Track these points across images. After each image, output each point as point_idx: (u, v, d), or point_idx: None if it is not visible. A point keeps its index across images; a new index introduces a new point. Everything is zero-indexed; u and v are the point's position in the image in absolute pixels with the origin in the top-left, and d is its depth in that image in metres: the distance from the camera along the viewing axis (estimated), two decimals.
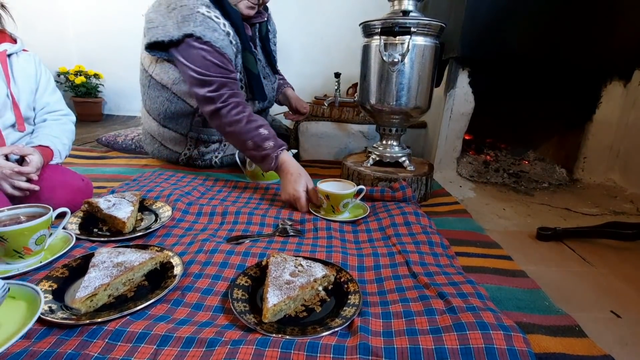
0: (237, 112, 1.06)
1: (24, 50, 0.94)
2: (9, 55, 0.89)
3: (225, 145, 1.38)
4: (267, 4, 1.29)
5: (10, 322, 0.47)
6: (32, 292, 0.48)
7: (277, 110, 1.73)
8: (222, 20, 1.12)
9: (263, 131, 1.06)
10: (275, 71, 1.42)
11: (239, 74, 1.20)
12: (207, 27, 1.08)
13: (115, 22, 2.33)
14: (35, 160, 0.84)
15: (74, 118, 1.05)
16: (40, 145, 0.90)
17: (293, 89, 1.55)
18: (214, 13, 1.11)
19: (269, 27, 1.37)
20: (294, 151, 1.34)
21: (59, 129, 0.97)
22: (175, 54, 1.13)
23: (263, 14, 1.29)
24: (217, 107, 1.07)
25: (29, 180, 0.83)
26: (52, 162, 0.93)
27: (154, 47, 1.16)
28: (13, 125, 0.89)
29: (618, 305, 0.68)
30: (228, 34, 1.13)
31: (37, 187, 0.84)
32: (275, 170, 1.06)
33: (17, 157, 0.84)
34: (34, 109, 0.96)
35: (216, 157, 1.37)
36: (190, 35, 1.08)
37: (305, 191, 0.99)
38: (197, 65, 1.08)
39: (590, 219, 1.10)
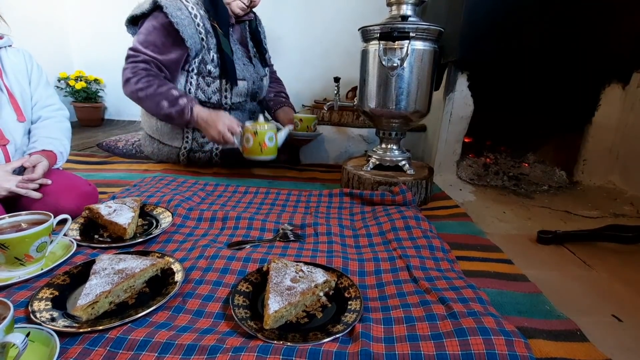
0: (147, 80, 1.21)
1: (11, 46, 0.94)
2: None
3: None
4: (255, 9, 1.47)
5: None
6: (48, 336, 0.49)
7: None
8: (190, 4, 1.26)
9: (174, 92, 1.22)
10: (264, 61, 1.56)
11: (212, 52, 1.33)
12: (173, 5, 1.23)
13: (115, 27, 2.33)
14: (42, 165, 0.86)
15: (67, 113, 1.05)
16: (43, 150, 0.91)
17: (293, 109, 1.62)
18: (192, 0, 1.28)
19: (259, 28, 1.55)
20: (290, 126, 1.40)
21: (56, 129, 0.98)
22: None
23: (250, 14, 1.46)
24: (128, 76, 1.21)
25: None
26: (55, 166, 0.94)
27: (131, 24, 1.33)
28: (13, 118, 0.90)
29: (619, 309, 0.67)
30: (195, 16, 1.27)
31: (39, 195, 0.84)
32: (192, 121, 1.22)
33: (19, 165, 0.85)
34: (31, 100, 0.96)
35: (216, 148, 1.40)
36: (156, 7, 1.24)
37: (226, 126, 1.19)
38: (140, 38, 1.24)
39: (591, 222, 1.09)
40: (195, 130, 1.40)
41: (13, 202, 0.86)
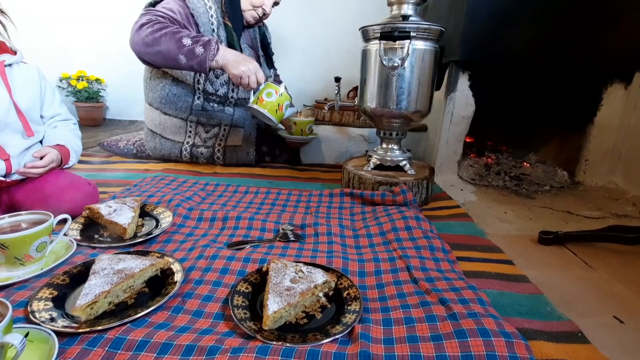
0: (164, 24, 1.16)
1: (23, 62, 0.94)
2: (9, 65, 0.89)
3: (225, 130, 1.43)
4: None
5: None
6: (46, 336, 0.49)
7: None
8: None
9: (192, 32, 1.19)
10: (270, 62, 1.63)
11: (223, 44, 1.34)
12: None
13: (117, 27, 2.34)
14: (51, 154, 0.87)
15: (77, 126, 1.07)
16: (57, 145, 0.92)
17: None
18: None
19: (266, 33, 1.61)
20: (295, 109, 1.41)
21: (72, 134, 1.00)
22: None
23: (259, 23, 1.53)
24: (142, 23, 1.16)
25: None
26: (69, 164, 0.95)
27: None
28: (21, 132, 0.90)
29: (621, 310, 0.67)
30: (210, 8, 1.31)
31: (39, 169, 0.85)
32: (221, 56, 1.15)
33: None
34: (41, 117, 0.96)
35: (219, 144, 1.41)
36: None
37: (255, 71, 1.16)
38: (159, 5, 1.24)
39: (592, 222, 1.09)
40: (199, 124, 1.41)
41: (13, 203, 0.86)
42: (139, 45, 1.17)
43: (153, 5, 1.32)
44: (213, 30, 1.32)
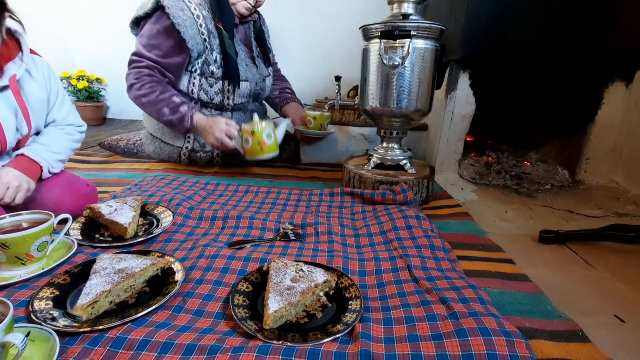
0: (150, 87, 1.23)
1: (32, 51, 0.84)
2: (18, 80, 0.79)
3: None
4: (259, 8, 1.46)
5: None
6: (48, 335, 0.49)
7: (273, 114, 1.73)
8: (193, 5, 1.25)
9: (176, 99, 1.25)
10: (268, 61, 1.54)
11: (216, 53, 1.32)
12: (176, 5, 1.22)
13: (117, 27, 2.34)
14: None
15: (83, 128, 1.01)
16: (22, 155, 0.81)
17: (300, 104, 1.63)
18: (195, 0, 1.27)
19: (263, 27, 1.53)
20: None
21: (53, 136, 0.89)
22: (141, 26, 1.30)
23: (254, 15, 1.45)
24: (132, 82, 1.24)
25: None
26: (46, 175, 0.85)
27: (135, 25, 1.33)
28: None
29: (622, 309, 0.67)
30: (198, 17, 1.26)
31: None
32: (192, 128, 1.26)
33: None
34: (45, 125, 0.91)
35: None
36: (159, 7, 1.23)
37: (223, 132, 1.20)
38: (142, 41, 1.25)
39: (593, 221, 1.09)
40: None
41: (12, 205, 0.86)
42: (132, 100, 1.28)
43: (137, 22, 1.31)
44: (204, 40, 1.27)
